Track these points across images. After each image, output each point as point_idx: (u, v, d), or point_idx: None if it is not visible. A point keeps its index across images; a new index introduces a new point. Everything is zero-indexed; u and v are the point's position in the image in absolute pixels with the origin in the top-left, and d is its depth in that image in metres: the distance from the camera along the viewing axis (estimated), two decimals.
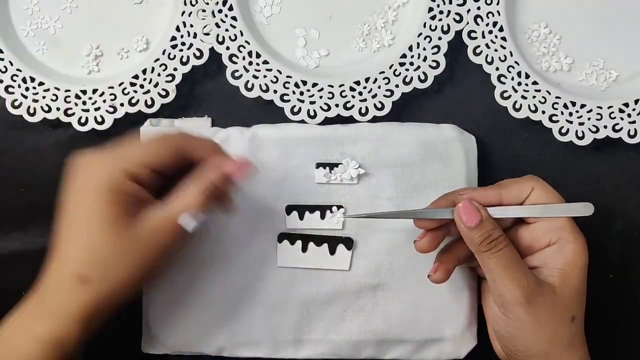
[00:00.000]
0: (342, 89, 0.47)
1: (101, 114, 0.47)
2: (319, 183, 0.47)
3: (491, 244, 0.40)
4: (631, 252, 0.50)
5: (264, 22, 0.49)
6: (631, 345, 0.50)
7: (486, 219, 0.40)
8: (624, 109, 0.48)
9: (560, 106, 0.48)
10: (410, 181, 0.47)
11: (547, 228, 0.41)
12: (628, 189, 0.50)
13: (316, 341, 0.47)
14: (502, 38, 0.48)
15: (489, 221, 0.40)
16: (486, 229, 0.40)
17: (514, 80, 0.48)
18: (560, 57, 0.49)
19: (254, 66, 0.47)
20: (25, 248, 0.49)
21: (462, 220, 0.40)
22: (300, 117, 0.47)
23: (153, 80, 0.47)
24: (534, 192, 0.41)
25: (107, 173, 0.36)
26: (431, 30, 0.48)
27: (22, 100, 0.47)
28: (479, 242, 0.40)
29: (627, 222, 0.50)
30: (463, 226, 0.40)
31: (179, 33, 0.47)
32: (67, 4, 0.49)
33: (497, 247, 0.39)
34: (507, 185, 0.42)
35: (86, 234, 0.36)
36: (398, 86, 0.47)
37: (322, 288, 0.46)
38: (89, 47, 0.49)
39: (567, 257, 0.40)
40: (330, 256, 0.46)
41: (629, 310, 0.50)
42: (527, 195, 0.42)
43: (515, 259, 0.40)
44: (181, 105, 0.49)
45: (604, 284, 0.50)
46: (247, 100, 0.48)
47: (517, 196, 0.42)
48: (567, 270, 0.40)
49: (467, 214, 0.40)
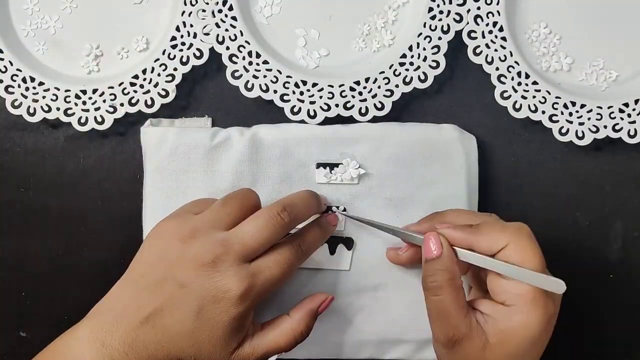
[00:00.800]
0: (342, 89, 0.47)
1: (101, 114, 0.47)
2: (319, 183, 0.47)
3: (432, 285, 0.39)
4: (631, 252, 0.50)
5: (264, 22, 0.49)
6: (631, 345, 0.50)
7: (444, 258, 0.40)
8: (624, 109, 0.48)
9: (560, 106, 0.48)
10: (410, 181, 0.47)
11: (507, 288, 0.38)
12: (628, 189, 0.50)
13: (316, 341, 0.47)
14: (502, 38, 0.48)
15: (442, 262, 0.40)
16: (435, 267, 0.40)
17: (514, 80, 0.48)
18: (560, 57, 0.49)
19: (254, 66, 0.47)
20: (25, 248, 0.49)
21: (423, 249, 0.41)
22: (300, 117, 0.47)
23: (153, 80, 0.47)
24: (507, 249, 0.38)
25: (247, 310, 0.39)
26: (431, 30, 0.48)
27: (22, 100, 0.47)
28: (424, 277, 0.40)
29: (627, 222, 0.50)
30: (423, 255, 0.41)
31: (179, 33, 0.47)
32: (67, 4, 0.49)
33: (435, 292, 0.39)
34: (483, 232, 0.39)
35: (201, 338, 0.38)
36: (398, 86, 0.47)
37: (322, 288, 0.46)
38: (89, 47, 0.49)
39: (513, 325, 0.38)
40: (331, 256, 0.46)
41: (629, 310, 0.50)
42: (499, 249, 0.38)
43: (450, 309, 0.39)
44: (181, 105, 0.49)
45: (604, 284, 0.50)
46: (247, 100, 0.48)
47: (488, 248, 0.39)
48: (508, 336, 0.38)
49: (427, 246, 0.40)
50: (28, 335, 0.50)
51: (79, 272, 0.49)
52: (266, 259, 0.39)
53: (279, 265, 0.39)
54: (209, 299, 0.38)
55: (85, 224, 0.49)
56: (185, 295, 0.38)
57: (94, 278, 0.49)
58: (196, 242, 0.39)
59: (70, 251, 0.49)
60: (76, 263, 0.49)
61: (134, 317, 0.38)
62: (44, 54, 0.49)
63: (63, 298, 0.49)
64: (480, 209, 0.48)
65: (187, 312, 0.38)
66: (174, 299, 0.38)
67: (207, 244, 0.38)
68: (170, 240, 0.39)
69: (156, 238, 0.41)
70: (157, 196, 0.46)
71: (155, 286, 0.38)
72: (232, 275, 0.38)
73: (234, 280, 0.38)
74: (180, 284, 0.38)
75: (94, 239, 0.49)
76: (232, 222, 0.40)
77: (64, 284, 0.49)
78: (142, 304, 0.38)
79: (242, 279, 0.38)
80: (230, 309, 0.38)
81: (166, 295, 0.38)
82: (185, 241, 0.39)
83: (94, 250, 0.49)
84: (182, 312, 0.38)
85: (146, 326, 0.37)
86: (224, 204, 0.40)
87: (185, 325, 0.38)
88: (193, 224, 0.40)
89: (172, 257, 0.39)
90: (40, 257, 0.49)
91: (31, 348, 0.49)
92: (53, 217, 0.49)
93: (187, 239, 0.39)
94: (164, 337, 0.38)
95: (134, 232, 0.48)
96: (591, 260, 0.50)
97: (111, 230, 0.49)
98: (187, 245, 0.39)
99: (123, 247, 0.49)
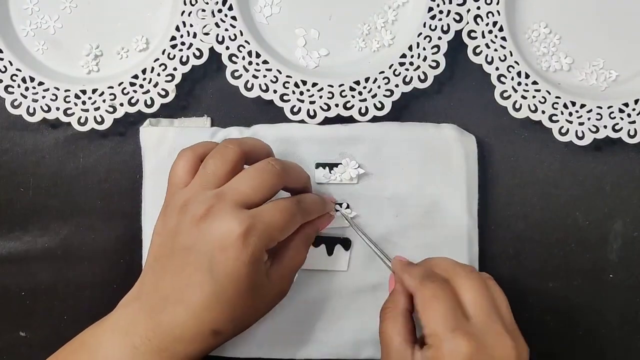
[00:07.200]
0: (342, 89, 0.47)
1: (101, 113, 0.47)
2: (319, 183, 0.47)
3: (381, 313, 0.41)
4: (631, 252, 0.50)
5: (263, 22, 0.49)
6: (631, 345, 0.50)
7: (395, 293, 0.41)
8: (624, 109, 0.48)
9: (560, 106, 0.48)
10: (410, 181, 0.47)
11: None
12: (628, 189, 0.50)
13: (316, 341, 0.47)
14: (502, 38, 0.48)
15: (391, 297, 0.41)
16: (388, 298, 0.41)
17: (514, 80, 0.48)
18: (560, 57, 0.49)
19: (253, 66, 0.47)
20: (25, 248, 0.49)
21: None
22: (300, 117, 0.47)
23: (153, 80, 0.47)
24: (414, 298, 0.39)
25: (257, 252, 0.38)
26: (431, 30, 0.48)
27: (21, 100, 0.47)
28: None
29: (627, 222, 0.50)
30: None
31: (178, 33, 0.47)
32: (67, 4, 0.49)
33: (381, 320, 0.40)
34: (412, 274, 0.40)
35: (226, 299, 0.37)
36: (398, 86, 0.47)
37: (322, 288, 0.46)
38: (89, 47, 0.49)
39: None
40: (328, 257, 0.46)
41: (629, 310, 0.50)
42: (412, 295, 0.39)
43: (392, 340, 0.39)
44: (181, 105, 0.49)
45: (604, 284, 0.50)
46: (247, 100, 0.48)
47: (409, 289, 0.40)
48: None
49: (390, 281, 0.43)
50: (28, 335, 0.50)
51: (79, 272, 0.49)
52: (265, 205, 0.39)
53: (279, 210, 0.39)
54: (216, 250, 0.37)
55: (85, 223, 0.49)
56: (194, 257, 0.37)
57: (94, 278, 0.49)
58: (190, 205, 0.38)
59: (70, 251, 0.49)
60: (76, 263, 0.49)
61: (154, 302, 0.37)
62: (44, 53, 0.49)
63: (63, 298, 0.49)
64: (480, 209, 0.48)
65: (202, 276, 0.37)
66: (185, 266, 0.37)
67: (200, 202, 0.38)
68: (170, 216, 0.39)
69: (160, 222, 0.41)
70: (157, 196, 0.46)
71: (168, 263, 0.38)
72: (230, 218, 0.37)
73: (234, 221, 0.37)
74: (185, 247, 0.37)
75: (93, 239, 0.49)
76: (219, 180, 0.39)
77: (64, 284, 0.49)
78: (160, 286, 0.38)
79: (241, 220, 0.37)
80: (240, 253, 0.37)
81: (178, 268, 0.38)
82: (181, 210, 0.39)
83: (94, 250, 0.49)
84: (197, 277, 0.37)
85: (168, 307, 0.37)
86: (205, 165, 0.40)
87: (205, 290, 0.37)
88: (184, 194, 0.39)
89: (174, 228, 0.39)
90: (40, 257, 0.49)
91: (31, 348, 0.49)
92: (53, 217, 0.49)
93: (183, 207, 0.39)
94: (189, 314, 0.37)
95: (134, 232, 0.48)
96: (591, 260, 0.50)
97: (111, 230, 0.49)
98: (183, 212, 0.38)
99: (123, 247, 0.49)
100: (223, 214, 0.37)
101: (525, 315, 0.49)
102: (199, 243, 0.37)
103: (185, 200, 0.39)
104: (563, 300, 0.50)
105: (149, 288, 0.39)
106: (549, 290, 0.50)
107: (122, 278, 0.49)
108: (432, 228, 0.47)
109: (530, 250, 0.50)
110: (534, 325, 0.50)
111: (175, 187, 0.41)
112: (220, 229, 0.37)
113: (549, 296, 0.50)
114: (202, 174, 0.40)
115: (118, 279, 0.49)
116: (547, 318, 0.50)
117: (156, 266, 0.39)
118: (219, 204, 0.38)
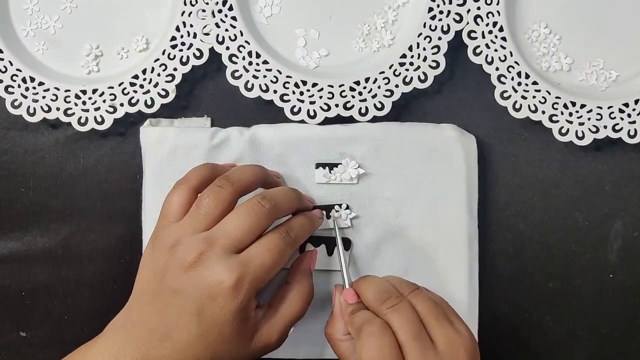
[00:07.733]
0: (342, 89, 0.47)
1: (101, 114, 0.47)
2: (319, 183, 0.47)
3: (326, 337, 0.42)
4: (631, 252, 0.50)
5: (263, 22, 0.49)
6: (631, 345, 0.50)
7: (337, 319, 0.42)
8: (624, 109, 0.48)
9: (560, 106, 0.48)
10: (410, 181, 0.47)
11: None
12: (628, 189, 0.50)
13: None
14: (502, 38, 0.48)
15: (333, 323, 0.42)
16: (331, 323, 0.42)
17: (514, 80, 0.48)
18: (560, 57, 0.49)
19: (253, 66, 0.47)
20: (25, 248, 0.49)
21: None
22: (300, 117, 0.47)
23: (153, 80, 0.47)
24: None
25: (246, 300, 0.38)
26: (431, 30, 0.48)
27: (22, 100, 0.47)
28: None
29: (627, 222, 0.50)
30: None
31: (178, 33, 0.47)
32: (67, 4, 0.49)
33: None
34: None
35: (212, 341, 0.38)
36: (398, 86, 0.47)
37: (320, 289, 0.46)
38: (89, 47, 0.49)
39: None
40: (329, 257, 0.46)
41: (629, 310, 0.50)
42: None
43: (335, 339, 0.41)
44: (181, 106, 0.49)
45: (604, 284, 0.50)
46: (247, 100, 0.48)
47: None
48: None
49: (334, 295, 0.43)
50: (28, 335, 0.50)
51: (79, 272, 0.49)
52: (254, 246, 0.39)
53: (269, 250, 0.39)
54: (205, 298, 0.37)
55: (85, 223, 0.49)
56: (182, 302, 0.38)
57: (94, 278, 0.49)
58: (180, 247, 0.39)
59: (70, 251, 0.49)
60: (76, 263, 0.49)
61: (142, 334, 0.38)
62: (44, 54, 0.49)
63: (63, 298, 0.49)
64: (480, 209, 0.48)
65: (189, 318, 0.37)
66: (172, 308, 0.38)
67: (190, 245, 0.38)
68: (159, 252, 0.40)
69: (148, 254, 0.41)
70: (157, 196, 0.46)
71: (155, 300, 0.39)
72: (221, 267, 0.37)
73: (224, 271, 0.37)
74: (174, 291, 0.38)
75: (93, 239, 0.49)
76: (211, 221, 0.39)
77: (64, 284, 0.49)
78: (147, 320, 0.38)
79: (232, 269, 0.37)
80: (229, 302, 0.38)
81: (165, 307, 0.38)
82: (170, 250, 0.39)
83: (94, 250, 0.49)
84: (184, 319, 0.37)
85: (154, 341, 0.37)
86: (199, 204, 0.40)
87: (192, 331, 0.37)
88: (175, 232, 0.40)
89: (162, 268, 0.39)
90: (40, 257, 0.49)
91: (31, 348, 0.49)
92: (53, 217, 0.49)
93: (172, 247, 0.39)
94: (174, 350, 0.37)
95: (134, 232, 0.48)
96: (591, 260, 0.50)
97: (111, 230, 0.49)
98: (173, 253, 0.39)
99: (123, 247, 0.49)
100: (213, 261, 0.38)
101: (525, 315, 0.49)
102: (188, 288, 0.38)
103: (175, 240, 0.39)
104: (563, 300, 0.50)
105: (135, 319, 0.39)
106: (549, 290, 0.50)
107: (122, 278, 0.49)
108: (432, 228, 0.47)
109: (530, 250, 0.50)
110: (533, 324, 0.50)
111: (167, 220, 0.41)
112: (210, 277, 0.38)
113: (549, 296, 0.50)
114: (195, 214, 0.40)
115: (118, 279, 0.49)
116: (547, 318, 0.50)
117: (143, 299, 0.39)
118: (209, 251, 0.38)
